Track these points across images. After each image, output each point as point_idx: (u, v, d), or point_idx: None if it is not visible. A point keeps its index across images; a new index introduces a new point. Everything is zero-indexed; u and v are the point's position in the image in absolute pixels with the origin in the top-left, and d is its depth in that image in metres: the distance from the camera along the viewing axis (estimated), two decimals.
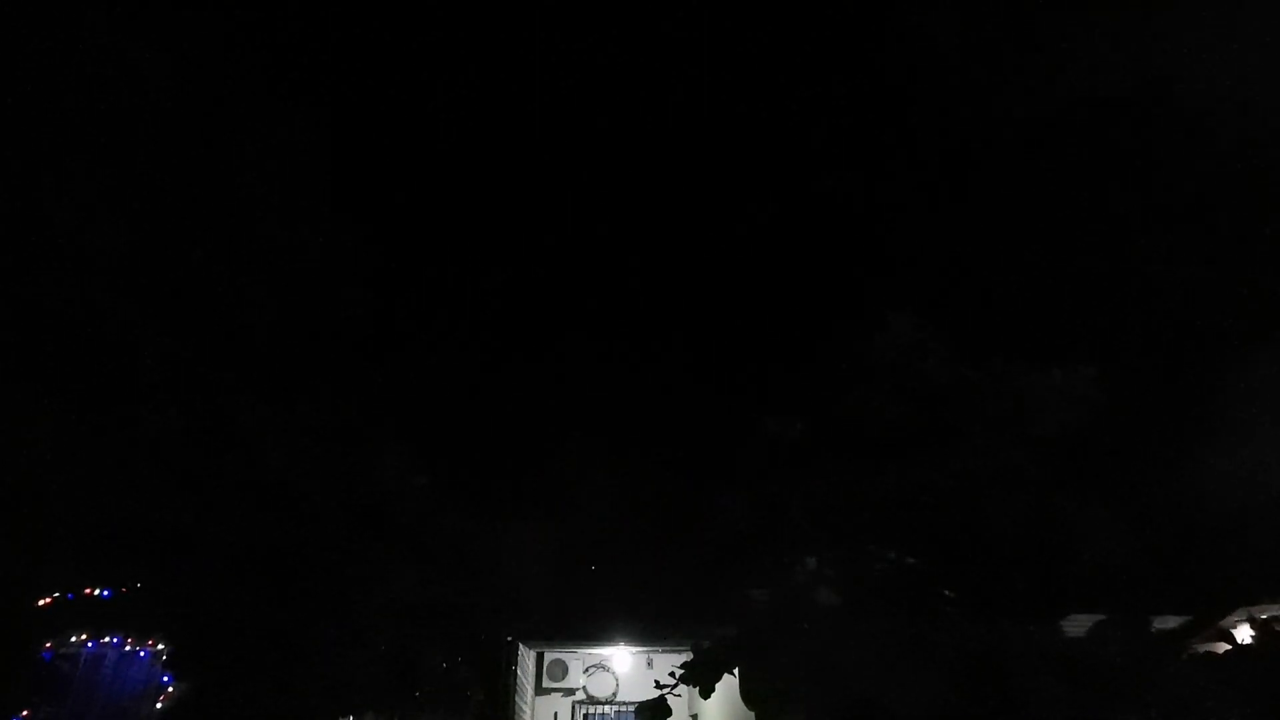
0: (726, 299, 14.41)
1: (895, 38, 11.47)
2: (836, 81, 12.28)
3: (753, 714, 7.16)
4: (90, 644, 8.50)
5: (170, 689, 8.07)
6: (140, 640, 8.45)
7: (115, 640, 8.49)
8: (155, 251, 8.39)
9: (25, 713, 8.05)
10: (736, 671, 5.78)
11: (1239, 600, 6.00)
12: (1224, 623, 5.56)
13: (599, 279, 14.43)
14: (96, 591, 7.94)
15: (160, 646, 8.34)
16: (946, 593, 5.34)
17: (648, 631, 10.68)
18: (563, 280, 14.30)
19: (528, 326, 14.57)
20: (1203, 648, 5.32)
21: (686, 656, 5.67)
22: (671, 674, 5.57)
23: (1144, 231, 10.71)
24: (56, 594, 7.97)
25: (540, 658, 12.21)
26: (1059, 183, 11.41)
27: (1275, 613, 5.52)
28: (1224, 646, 5.22)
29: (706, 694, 5.49)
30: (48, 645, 8.33)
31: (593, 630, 10.77)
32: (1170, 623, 5.33)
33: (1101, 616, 5.24)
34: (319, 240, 9.96)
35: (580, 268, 14.08)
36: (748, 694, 6.01)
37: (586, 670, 12.38)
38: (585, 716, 12.60)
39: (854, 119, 12.75)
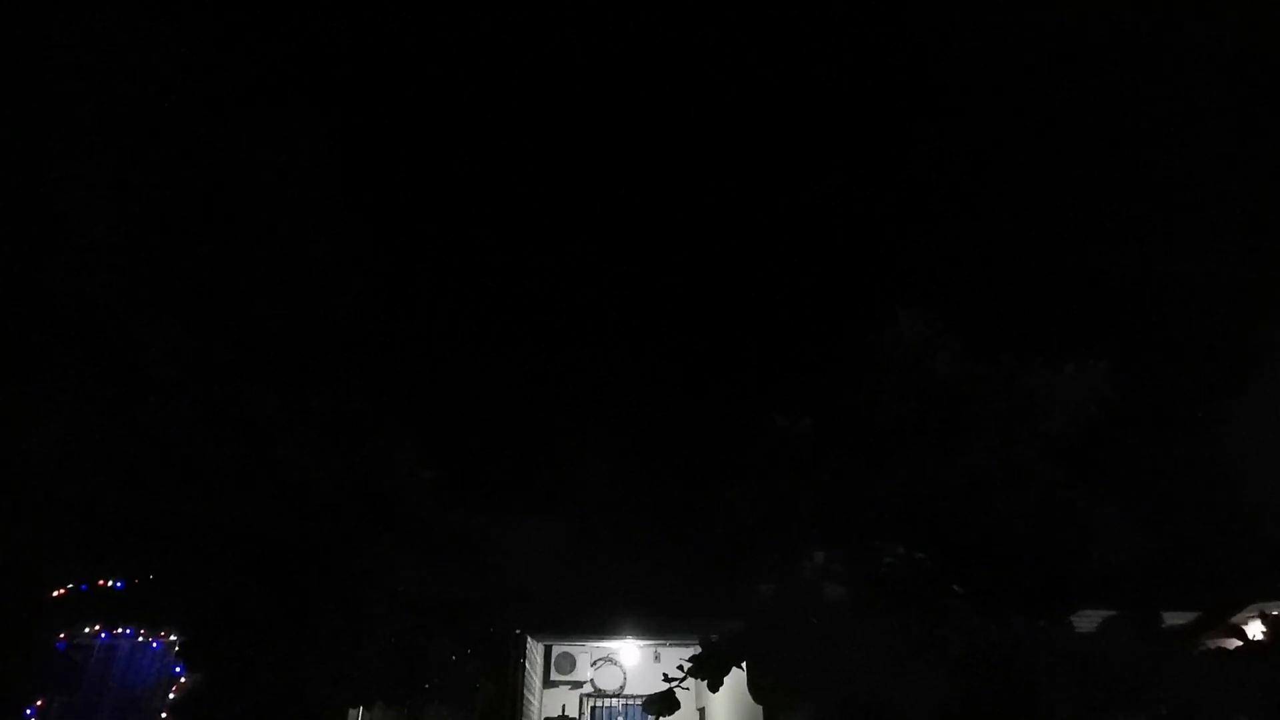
0: (737, 294, 14.39)
1: (906, 33, 11.40)
2: (848, 77, 12.21)
3: (760, 708, 7.18)
4: (103, 635, 8.57)
5: (182, 680, 8.14)
6: (153, 631, 8.52)
7: (128, 631, 8.56)
8: (166, 245, 8.43)
9: (39, 702, 8.14)
10: (744, 665, 5.80)
11: (1251, 596, 5.96)
12: (1236, 619, 5.51)
13: (611, 274, 14.42)
14: (110, 583, 8.00)
15: (173, 638, 8.41)
16: (956, 588, 5.33)
17: (656, 625, 10.69)
18: (574, 275, 14.30)
19: (538, 321, 14.58)
20: (1214, 644, 5.30)
21: (694, 650, 5.68)
22: (679, 667, 5.58)
23: (1157, 225, 10.63)
24: (70, 585, 8.04)
25: (548, 651, 12.26)
26: (1071, 177, 11.33)
27: None
28: (1236, 643, 5.19)
29: (714, 687, 5.50)
30: (61, 636, 8.41)
31: (601, 623, 10.80)
32: (1181, 619, 5.30)
33: (1112, 612, 5.22)
34: (330, 233, 9.98)
35: (592, 263, 14.07)
36: (755, 688, 6.03)
37: (594, 663, 12.42)
38: (593, 709, 12.66)
39: (864, 114, 12.68)
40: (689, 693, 6.20)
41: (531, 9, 11.34)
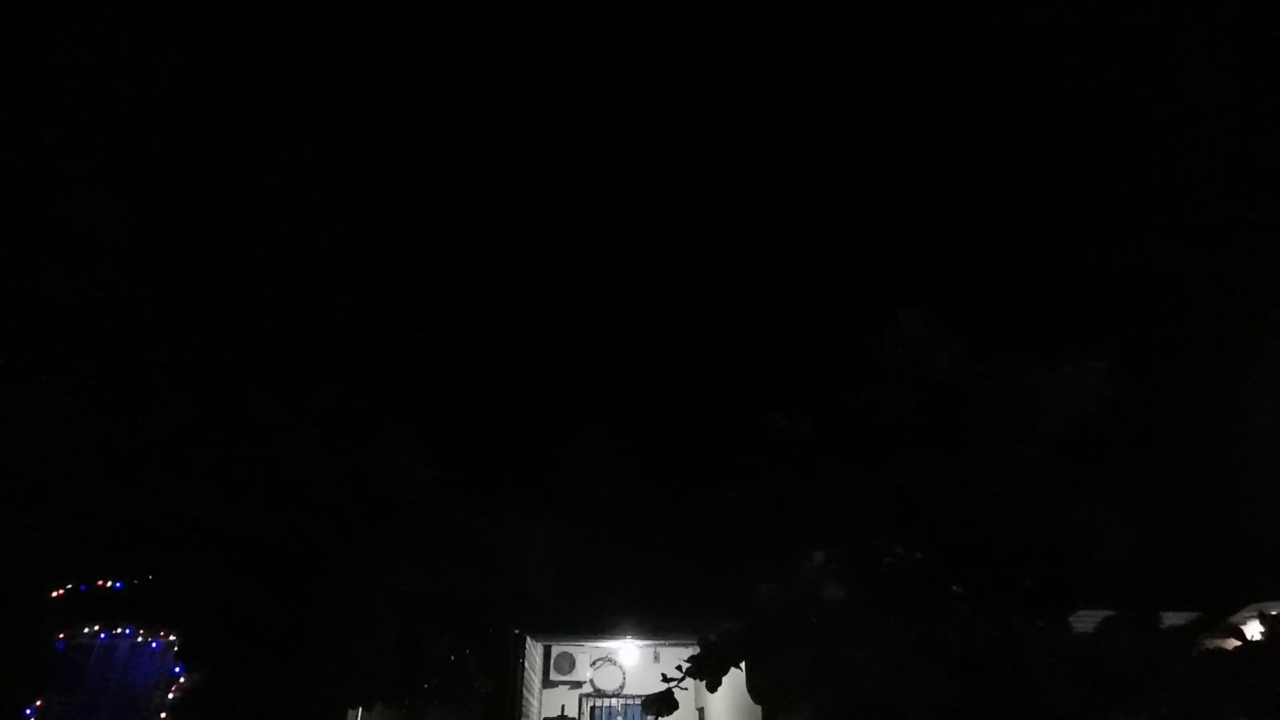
0: (737, 295, 14.39)
1: (906, 33, 11.40)
2: (848, 77, 12.21)
3: (759, 708, 7.17)
4: (103, 635, 8.56)
5: (182, 680, 8.14)
6: (152, 632, 8.51)
7: (127, 631, 8.55)
8: (166, 245, 8.44)
9: (39, 702, 8.13)
10: (743, 665, 5.80)
11: (1249, 597, 5.98)
12: (1234, 619, 5.53)
13: (611, 274, 14.42)
14: (109, 583, 8.00)
15: (172, 638, 8.40)
16: (955, 588, 5.33)
17: (655, 625, 10.70)
18: (574, 275, 14.31)
19: (539, 321, 14.59)
20: (1213, 644, 5.30)
21: (694, 650, 5.68)
22: (678, 667, 5.58)
23: (1157, 225, 10.64)
24: (69, 585, 8.03)
25: (548, 651, 12.26)
26: (1071, 177, 11.33)
27: None
28: (1234, 643, 5.20)
29: (713, 687, 5.50)
30: (61, 636, 8.40)
31: (600, 624, 10.80)
32: (1180, 619, 5.31)
33: (1111, 613, 5.23)
34: (330, 233, 9.99)
35: (592, 263, 14.08)
36: (754, 688, 6.03)
37: (594, 663, 12.42)
38: (592, 709, 12.65)
39: (865, 114, 12.69)
40: (688, 693, 6.20)
41: (531, 9, 11.34)
